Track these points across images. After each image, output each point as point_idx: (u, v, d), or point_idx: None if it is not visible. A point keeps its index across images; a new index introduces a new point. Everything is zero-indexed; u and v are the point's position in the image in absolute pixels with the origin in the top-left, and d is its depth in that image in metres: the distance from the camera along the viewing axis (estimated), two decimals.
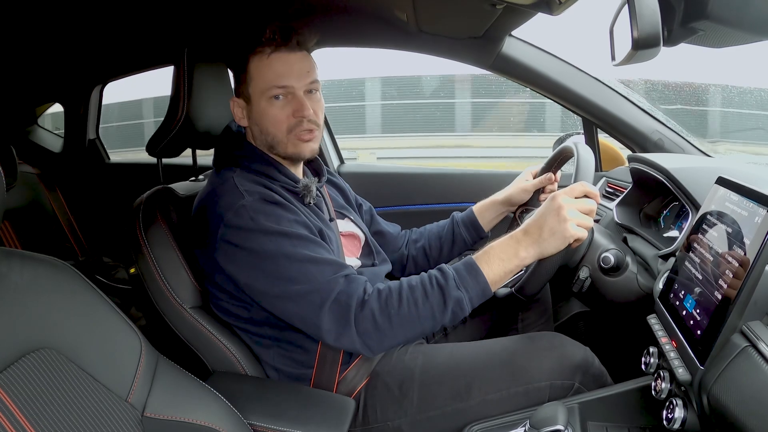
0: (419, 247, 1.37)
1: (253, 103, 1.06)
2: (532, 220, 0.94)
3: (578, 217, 0.91)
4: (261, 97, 1.04)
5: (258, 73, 1.04)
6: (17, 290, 0.65)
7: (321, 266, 0.94)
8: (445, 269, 0.95)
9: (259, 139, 1.08)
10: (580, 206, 0.92)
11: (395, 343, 0.95)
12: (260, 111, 1.05)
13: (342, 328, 0.92)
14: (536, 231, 0.92)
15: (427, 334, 0.96)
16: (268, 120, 1.05)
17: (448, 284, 0.92)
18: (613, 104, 1.59)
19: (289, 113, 1.04)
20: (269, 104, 1.04)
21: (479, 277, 0.93)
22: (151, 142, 1.23)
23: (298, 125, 1.04)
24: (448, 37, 1.58)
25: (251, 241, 0.95)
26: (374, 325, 0.91)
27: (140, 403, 0.72)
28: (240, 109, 1.09)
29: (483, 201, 1.36)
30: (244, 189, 0.99)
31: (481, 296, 0.94)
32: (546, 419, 0.77)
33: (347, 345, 0.94)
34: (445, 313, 0.92)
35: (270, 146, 1.08)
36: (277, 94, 1.03)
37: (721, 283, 0.72)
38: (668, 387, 0.82)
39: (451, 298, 0.91)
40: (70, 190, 2.32)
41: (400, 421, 1.03)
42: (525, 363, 1.03)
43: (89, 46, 1.96)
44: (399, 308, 0.91)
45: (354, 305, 0.92)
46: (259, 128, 1.07)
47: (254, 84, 1.05)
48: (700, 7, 0.67)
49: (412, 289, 0.93)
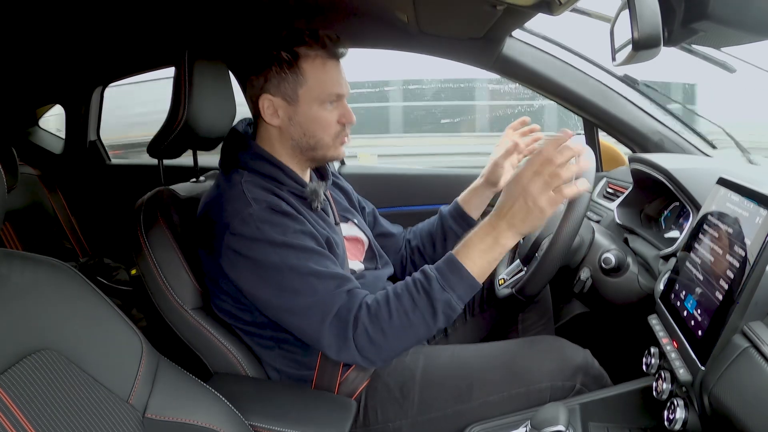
0: (414, 247, 1.37)
1: (302, 105, 1.05)
2: (503, 203, 0.91)
3: (545, 187, 0.86)
4: (314, 101, 1.04)
5: (315, 78, 1.04)
6: (18, 291, 0.65)
7: (324, 280, 0.95)
8: (428, 272, 0.94)
9: (295, 139, 1.07)
10: (545, 175, 0.86)
11: (394, 354, 0.96)
12: (311, 114, 1.05)
13: (342, 343, 0.93)
14: (509, 214, 0.90)
15: (425, 339, 0.96)
16: (318, 124, 1.06)
17: (432, 288, 0.92)
18: (614, 105, 1.59)
19: (336, 119, 1.06)
20: (322, 109, 1.05)
21: (462, 272, 0.92)
22: (152, 144, 1.23)
23: (342, 130, 1.08)
24: (448, 38, 1.58)
25: (256, 251, 0.95)
26: (369, 340, 0.92)
27: (141, 404, 0.72)
28: (274, 107, 1.06)
29: (465, 190, 1.35)
30: (252, 197, 0.99)
31: (469, 291, 0.93)
32: (547, 420, 0.77)
33: (349, 359, 0.95)
34: (436, 318, 0.92)
35: (310, 148, 1.08)
36: (332, 100, 1.05)
37: (722, 283, 0.72)
38: (669, 387, 0.82)
39: (438, 301, 0.91)
40: (71, 191, 2.32)
41: (401, 422, 1.03)
42: (526, 365, 1.03)
43: (90, 47, 1.96)
44: (390, 320, 0.91)
45: (351, 321, 0.92)
46: (302, 130, 1.06)
47: (308, 87, 1.04)
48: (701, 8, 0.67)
49: (399, 299, 0.93)
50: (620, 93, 1.60)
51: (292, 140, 1.08)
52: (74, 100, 2.32)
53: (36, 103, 2.46)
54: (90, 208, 2.35)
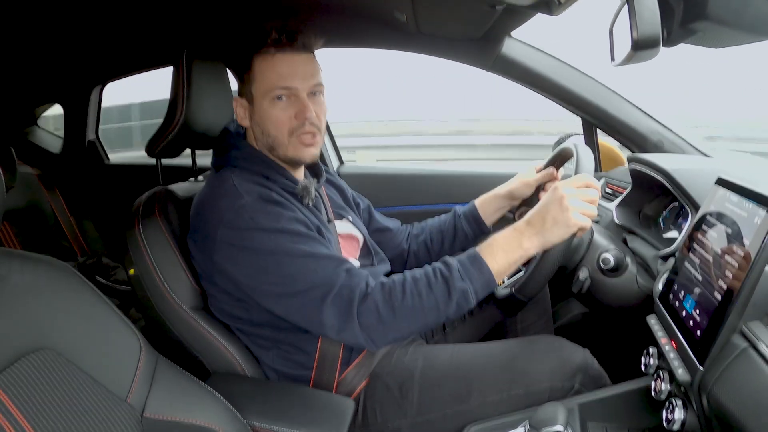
0: (421, 242, 1.37)
1: (256, 104, 1.05)
2: (535, 211, 0.95)
3: (581, 206, 0.92)
4: (264, 97, 1.04)
5: (262, 74, 1.03)
6: (17, 291, 0.65)
7: (322, 261, 0.94)
8: (450, 261, 0.95)
9: (260, 140, 1.08)
10: (582, 195, 0.93)
11: (399, 336, 0.94)
12: (262, 112, 1.05)
13: (344, 322, 0.91)
14: (539, 221, 0.93)
15: (431, 326, 0.96)
16: (269, 121, 1.04)
17: (452, 276, 0.92)
18: (613, 105, 1.59)
19: (292, 115, 1.04)
20: (272, 105, 1.04)
21: (483, 268, 0.93)
22: (150, 143, 1.23)
23: (299, 127, 1.04)
24: (447, 38, 1.58)
25: (251, 240, 0.95)
26: (378, 318, 0.91)
27: (139, 403, 0.72)
28: (242, 109, 1.08)
29: (485, 195, 1.36)
30: (243, 189, 0.99)
31: (485, 288, 0.94)
32: (546, 420, 0.77)
33: (350, 339, 0.93)
34: (449, 305, 0.92)
35: (271, 148, 1.07)
36: (280, 95, 1.03)
37: (721, 283, 0.72)
38: (668, 388, 0.82)
39: (455, 289, 0.91)
40: (69, 190, 2.32)
41: (400, 422, 1.03)
42: (525, 365, 1.03)
43: (88, 46, 1.96)
44: (403, 300, 0.91)
45: (356, 298, 0.91)
46: (260, 129, 1.06)
47: (257, 84, 1.04)
48: (700, 8, 0.67)
49: (416, 281, 0.93)
50: (619, 93, 1.60)
51: (259, 140, 1.08)
52: (73, 99, 2.32)
53: (35, 102, 2.45)
54: (88, 207, 2.35)
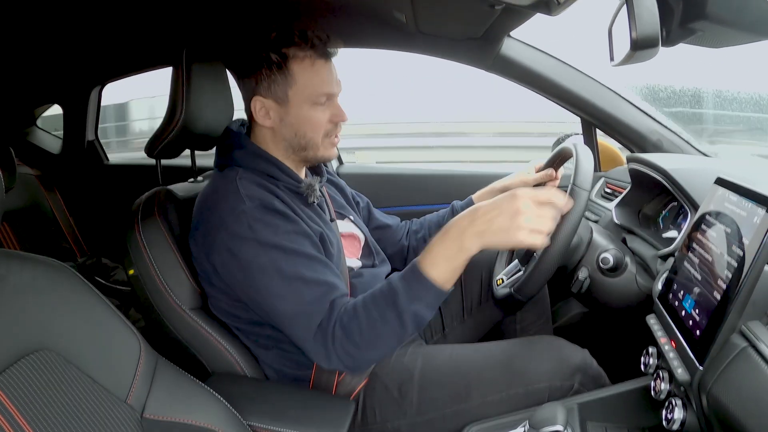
0: (420, 238, 1.38)
1: (292, 106, 1.05)
2: (484, 211, 0.87)
3: (534, 225, 0.84)
4: (306, 101, 1.05)
5: (304, 79, 1.04)
6: (16, 292, 0.65)
7: (311, 287, 0.95)
8: (394, 284, 0.91)
9: (287, 140, 1.08)
10: (539, 213, 0.84)
11: (371, 362, 1.00)
12: (301, 115, 1.06)
13: (327, 352, 0.93)
14: (485, 223, 0.86)
15: (399, 345, 0.96)
16: (309, 124, 1.06)
17: (399, 300, 0.89)
18: (612, 105, 1.59)
19: (328, 118, 1.07)
20: (313, 109, 1.05)
21: (426, 283, 0.89)
22: (149, 144, 1.23)
23: (333, 130, 1.09)
24: (447, 38, 1.58)
25: (246, 251, 0.95)
26: (345, 351, 0.92)
27: (139, 404, 0.72)
28: (266, 109, 1.07)
29: (482, 189, 1.37)
30: (246, 194, 0.99)
31: (436, 300, 0.91)
32: (545, 419, 0.77)
33: (334, 366, 0.95)
34: (405, 328, 0.90)
35: (301, 148, 1.08)
36: (323, 101, 1.06)
37: (720, 283, 0.72)
38: (667, 387, 0.82)
39: (406, 312, 0.89)
40: (69, 191, 2.32)
41: (399, 422, 1.03)
42: (524, 365, 1.03)
43: (88, 46, 1.95)
44: (361, 334, 0.91)
45: (329, 333, 0.92)
46: (293, 130, 1.07)
47: (298, 88, 1.04)
48: (699, 8, 0.67)
49: (368, 311, 0.91)
50: (618, 93, 1.60)
51: (285, 141, 1.08)
52: (72, 99, 2.32)
53: (34, 102, 2.45)
54: (88, 208, 2.35)
